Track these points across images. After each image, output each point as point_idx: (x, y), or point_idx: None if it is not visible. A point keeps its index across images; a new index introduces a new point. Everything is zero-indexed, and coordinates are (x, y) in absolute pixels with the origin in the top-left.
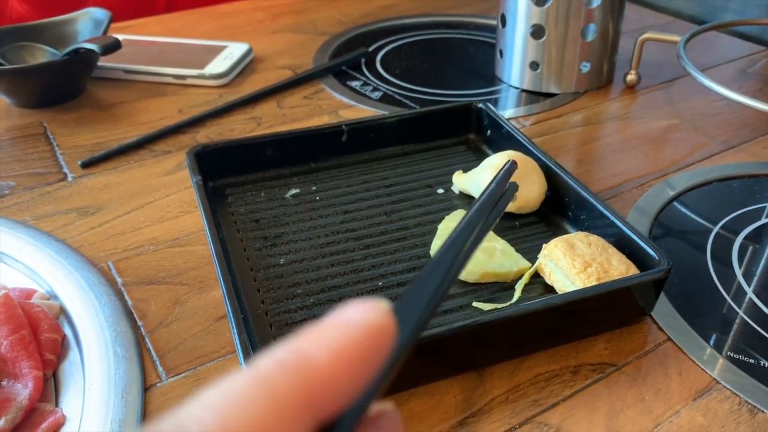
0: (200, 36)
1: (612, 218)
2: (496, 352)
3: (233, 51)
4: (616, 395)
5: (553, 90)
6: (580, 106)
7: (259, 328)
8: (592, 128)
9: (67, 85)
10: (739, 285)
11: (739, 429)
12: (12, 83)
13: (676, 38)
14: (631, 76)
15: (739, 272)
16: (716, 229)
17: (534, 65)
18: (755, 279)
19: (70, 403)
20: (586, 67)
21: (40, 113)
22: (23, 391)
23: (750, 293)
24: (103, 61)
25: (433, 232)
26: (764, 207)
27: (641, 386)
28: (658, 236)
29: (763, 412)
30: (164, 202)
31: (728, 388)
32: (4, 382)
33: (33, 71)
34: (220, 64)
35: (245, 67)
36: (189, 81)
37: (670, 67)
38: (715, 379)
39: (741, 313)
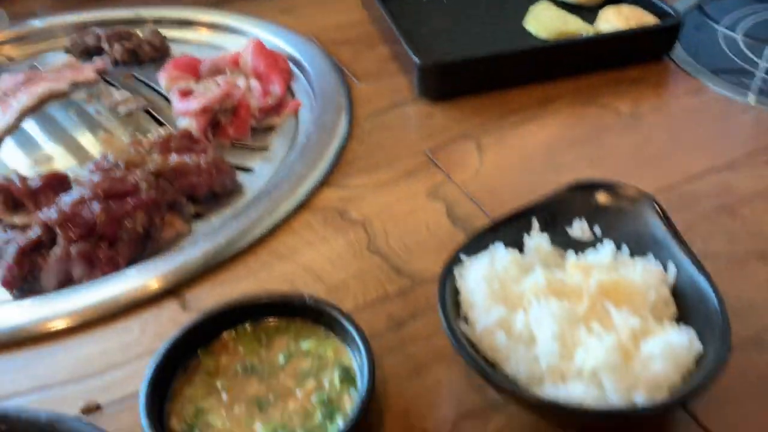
0: None
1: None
2: (567, 69)
3: None
4: (641, 92)
5: None
6: None
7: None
8: None
9: None
10: (736, 44)
11: (717, 107)
12: None
13: None
14: None
15: (739, 37)
16: (724, 21)
17: None
18: (745, 39)
19: (301, 99)
20: None
21: None
22: (276, 88)
23: (743, 46)
24: None
25: (525, 10)
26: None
27: (659, 90)
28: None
29: (730, 99)
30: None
31: (714, 90)
32: (267, 86)
33: None
34: None
35: None
36: None
37: None
38: (707, 86)
39: (732, 55)
